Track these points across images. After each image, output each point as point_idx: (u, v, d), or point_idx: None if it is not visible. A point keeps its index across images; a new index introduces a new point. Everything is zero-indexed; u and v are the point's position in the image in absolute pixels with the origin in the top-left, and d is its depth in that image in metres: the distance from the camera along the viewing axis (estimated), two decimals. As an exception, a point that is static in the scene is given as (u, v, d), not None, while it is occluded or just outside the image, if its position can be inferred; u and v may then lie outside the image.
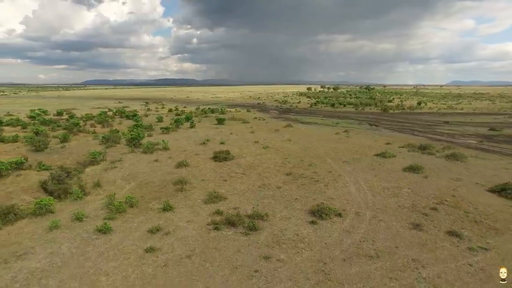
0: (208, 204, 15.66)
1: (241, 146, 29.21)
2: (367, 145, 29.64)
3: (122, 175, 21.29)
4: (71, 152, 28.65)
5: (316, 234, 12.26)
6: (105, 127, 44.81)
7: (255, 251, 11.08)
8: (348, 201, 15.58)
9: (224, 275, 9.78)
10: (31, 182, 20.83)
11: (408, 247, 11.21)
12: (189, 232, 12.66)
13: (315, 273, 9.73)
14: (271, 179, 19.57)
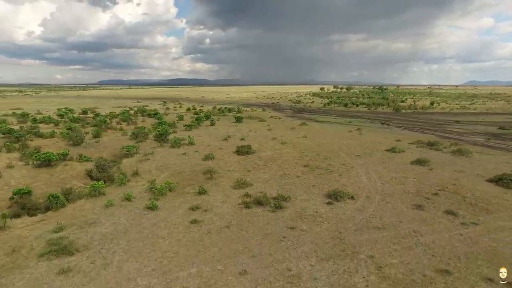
0: (237, 189, 18.06)
1: (261, 142, 31.55)
2: (378, 141, 31.61)
3: (155, 166, 23.88)
4: (105, 146, 31.50)
5: (332, 212, 14.52)
6: (130, 125, 47.83)
7: (282, 223, 13.41)
8: (360, 188, 17.76)
9: (258, 239, 12.12)
10: (77, 171, 23.67)
11: (410, 222, 13.35)
12: (225, 210, 15.08)
13: (332, 239, 11.99)
14: (290, 170, 21.87)
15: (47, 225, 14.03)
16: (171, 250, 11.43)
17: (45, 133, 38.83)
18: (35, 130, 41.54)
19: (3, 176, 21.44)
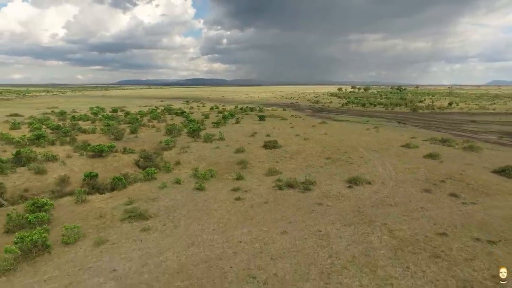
0: (269, 176, 21.02)
1: (285, 138, 34.43)
2: (394, 138, 33.97)
3: (193, 157, 27.13)
4: (144, 141, 35.04)
5: (352, 193, 17.29)
6: (160, 122, 51.52)
7: (311, 201, 16.29)
8: (376, 176, 20.42)
9: (292, 211, 15.04)
10: (126, 161, 27.13)
11: (418, 201, 15.98)
12: (261, 191, 18.07)
13: (353, 212, 14.78)
14: (314, 161, 24.68)
15: (117, 200, 17.36)
16: (223, 218, 14.49)
17: (87, 129, 42.89)
18: (77, 126, 45.73)
19: (67, 164, 25.11)
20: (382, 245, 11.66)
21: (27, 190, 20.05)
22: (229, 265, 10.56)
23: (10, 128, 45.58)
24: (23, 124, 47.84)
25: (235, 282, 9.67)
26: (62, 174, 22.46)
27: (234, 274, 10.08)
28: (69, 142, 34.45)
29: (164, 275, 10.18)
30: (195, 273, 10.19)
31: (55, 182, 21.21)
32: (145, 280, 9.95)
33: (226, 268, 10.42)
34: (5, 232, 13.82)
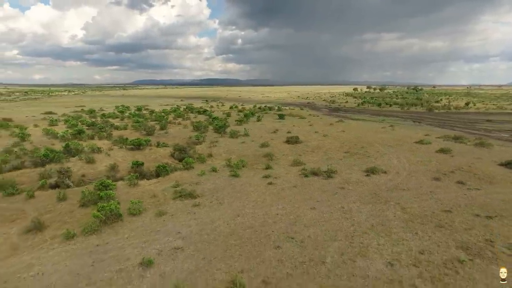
0: (294, 166, 23.55)
1: (305, 134, 36.86)
2: (409, 135, 35.95)
3: (223, 150, 29.86)
4: (174, 136, 38.03)
5: (370, 180, 19.67)
6: (185, 120, 54.65)
7: (333, 185, 18.76)
8: (391, 167, 22.69)
9: (318, 193, 17.54)
10: (161, 153, 30.01)
11: (428, 187, 18.23)
12: (289, 177, 20.63)
13: (370, 194, 17.18)
14: (334, 154, 27.07)
15: (164, 184, 20.19)
16: (260, 198, 17.12)
17: (119, 126, 46.32)
18: (109, 123, 49.25)
19: (111, 155, 28.20)
20: (395, 218, 14.05)
21: (84, 176, 23.13)
22: (271, 230, 13.17)
23: (49, 124, 49.55)
24: (59, 121, 51.78)
25: (277, 241, 12.27)
26: (110, 163, 25.55)
27: (276, 236, 12.68)
28: (106, 136, 37.78)
29: (220, 236, 12.86)
30: (244, 235, 12.84)
31: (106, 169, 24.28)
32: (205, 239, 12.65)
33: (268, 232, 13.03)
34: (80, 206, 16.77)
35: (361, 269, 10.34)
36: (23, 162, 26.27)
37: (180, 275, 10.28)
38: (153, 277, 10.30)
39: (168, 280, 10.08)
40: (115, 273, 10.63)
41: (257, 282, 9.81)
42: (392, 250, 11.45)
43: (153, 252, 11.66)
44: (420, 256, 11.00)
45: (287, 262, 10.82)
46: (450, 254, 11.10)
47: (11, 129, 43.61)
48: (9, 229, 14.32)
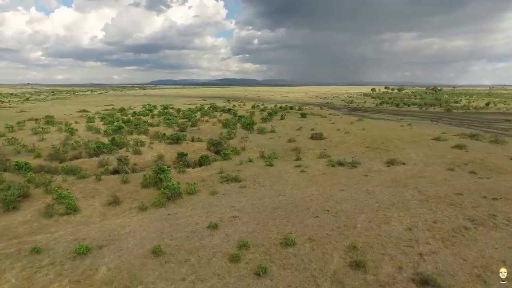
0: (321, 158, 26.29)
1: (327, 131, 39.46)
2: (426, 133, 38.05)
3: (254, 144, 32.82)
4: (206, 132, 41.26)
5: (390, 169, 22.24)
6: (211, 118, 57.98)
7: (358, 173, 21.43)
8: (409, 159, 25.13)
9: (345, 179, 20.26)
10: (198, 147, 33.15)
11: (443, 176, 20.66)
12: (318, 167, 23.41)
13: (391, 180, 19.78)
14: (356, 149, 29.64)
15: (209, 172, 23.27)
16: (295, 182, 19.98)
17: (152, 123, 49.99)
18: (142, 120, 53.04)
19: (153, 148, 31.56)
20: (413, 198, 16.67)
21: (135, 164, 26.49)
22: (309, 205, 16.02)
23: (87, 121, 53.75)
24: (95, 119, 55.98)
25: (315, 212, 15.11)
26: (156, 154, 28.91)
27: (314, 209, 15.53)
28: (143, 132, 41.34)
29: (268, 208, 15.80)
30: (288, 208, 15.74)
31: (153, 159, 27.63)
32: (256, 211, 15.61)
33: (307, 206, 15.90)
34: (142, 187, 20.00)
35: (385, 231, 13.07)
36: (80, 153, 29.98)
37: (242, 235, 13.24)
38: (220, 236, 13.30)
39: (233, 238, 13.05)
40: (189, 232, 13.69)
41: (303, 239, 12.68)
42: (410, 220, 14.11)
43: (216, 219, 14.68)
44: (433, 224, 13.63)
45: (325, 227, 13.65)
46: (458, 224, 13.68)
47: (57, 125, 47.91)
48: (93, 202, 17.67)
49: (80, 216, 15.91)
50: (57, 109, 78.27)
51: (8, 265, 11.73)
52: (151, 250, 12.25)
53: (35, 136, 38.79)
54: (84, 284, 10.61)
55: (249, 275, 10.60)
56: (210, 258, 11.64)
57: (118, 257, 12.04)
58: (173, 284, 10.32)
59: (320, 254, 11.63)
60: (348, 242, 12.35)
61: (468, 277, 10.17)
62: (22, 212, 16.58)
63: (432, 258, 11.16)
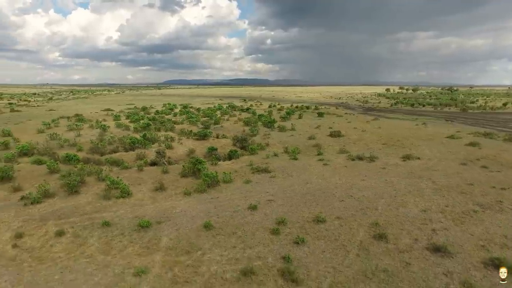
0: (341, 153, 28.32)
1: (345, 130, 41.35)
2: (441, 132, 39.53)
3: (276, 141, 35.01)
4: (228, 129, 43.62)
5: (406, 163, 24.15)
6: (231, 117, 60.41)
7: (376, 167, 23.41)
8: (424, 155, 26.92)
9: (365, 171, 22.27)
10: (224, 143, 35.47)
11: (455, 169, 22.45)
12: (339, 161, 25.48)
13: (407, 173, 21.71)
14: (373, 145, 31.54)
15: (239, 164, 25.56)
16: (320, 173, 22.13)
17: (177, 121, 52.72)
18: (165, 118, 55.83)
19: (183, 143, 34.08)
20: (427, 187, 18.61)
21: (169, 158, 28.99)
22: (335, 191, 18.17)
23: (113, 119, 56.90)
24: (121, 117, 59.09)
25: (341, 197, 17.24)
26: (188, 148, 31.42)
27: (339, 194, 17.66)
28: (170, 129, 44.01)
29: (298, 194, 18.01)
30: (316, 194, 17.91)
31: (185, 153, 30.12)
32: (288, 195, 17.82)
33: (333, 192, 18.05)
34: (182, 176, 22.42)
35: (403, 213, 15.12)
36: (117, 147, 32.74)
37: (278, 214, 15.47)
38: (260, 215, 15.56)
39: (271, 216, 15.30)
40: (232, 212, 16.00)
41: (332, 218, 14.84)
42: (424, 204, 16.10)
43: (254, 202, 16.95)
44: (445, 208, 15.59)
45: (350, 209, 15.78)
46: (467, 208, 15.60)
47: (88, 122, 51.13)
48: (141, 188, 20.18)
49: (134, 199, 18.43)
50: (82, 108, 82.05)
51: (88, 234, 14.27)
52: (202, 225, 14.59)
53: (71, 132, 41.87)
54: (152, 249, 13.00)
55: (289, 243, 12.82)
56: (254, 232, 13.90)
57: (175, 230, 14.42)
58: (226, 250, 12.60)
59: (348, 229, 13.77)
60: (371, 220, 14.45)
61: (474, 246, 12.16)
62: (83, 195, 19.21)
63: (443, 233, 13.16)
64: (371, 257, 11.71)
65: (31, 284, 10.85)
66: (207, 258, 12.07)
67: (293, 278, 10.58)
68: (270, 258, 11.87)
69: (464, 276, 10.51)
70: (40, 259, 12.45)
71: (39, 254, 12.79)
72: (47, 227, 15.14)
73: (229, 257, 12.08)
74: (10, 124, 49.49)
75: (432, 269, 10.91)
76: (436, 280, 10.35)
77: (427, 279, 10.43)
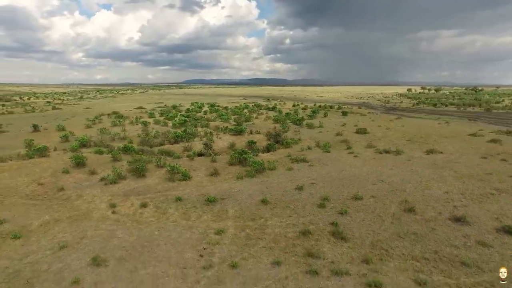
0: (368, 148, 31.04)
1: (370, 127, 43.85)
2: (463, 130, 41.47)
3: (307, 137, 37.96)
4: (259, 126, 46.84)
5: (429, 156, 26.71)
6: (259, 115, 63.65)
7: (402, 159, 26.09)
8: (446, 150, 29.32)
9: (392, 163, 25.00)
10: (258, 138, 38.57)
11: (476, 162, 24.85)
12: (368, 154, 28.25)
13: (431, 164, 24.30)
14: (397, 142, 34.05)
15: (277, 156, 28.70)
16: (352, 163, 25.02)
17: (209, 118, 56.39)
18: (198, 116, 59.60)
19: (221, 138, 37.50)
20: (449, 175, 21.24)
21: (214, 149, 32.41)
22: (367, 177, 21.08)
23: (148, 116, 61.12)
24: (155, 114, 63.22)
25: (373, 182, 20.14)
26: (226, 142, 34.80)
27: (371, 180, 20.56)
28: (205, 125, 47.62)
29: (336, 179, 21.02)
30: (351, 179, 20.88)
31: (227, 146, 33.50)
32: (327, 180, 20.84)
33: (366, 178, 20.97)
34: (229, 165, 25.74)
35: (428, 194, 17.92)
36: (163, 140, 36.49)
37: (321, 193, 18.53)
38: (306, 194, 18.66)
39: (316, 195, 18.37)
40: (282, 192, 19.17)
41: (368, 196, 17.80)
42: (447, 188, 18.82)
43: (299, 184, 20.07)
44: (465, 191, 18.27)
45: (382, 190, 18.69)
46: (485, 191, 18.23)
47: (127, 119, 55.48)
48: (197, 174, 23.61)
49: (194, 182, 21.88)
50: (115, 106, 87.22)
51: (166, 206, 17.74)
52: (260, 200, 17.84)
53: (116, 128, 46.04)
54: (222, 217, 16.30)
55: (334, 214, 15.89)
56: (304, 206, 17.03)
57: (238, 204, 17.70)
58: (284, 218, 15.76)
59: (381, 204, 16.71)
60: (401, 198, 17.34)
61: (489, 218, 14.88)
62: (149, 178, 22.80)
63: (463, 209, 15.91)
64: (402, 224, 14.62)
65: (139, 237, 14.31)
66: (270, 224, 15.27)
67: (342, 237, 13.64)
68: (321, 224, 14.96)
69: (480, 237, 13.30)
70: (138, 221, 15.98)
71: (135, 218, 16.33)
72: (131, 200, 18.75)
73: (288, 223, 15.24)
74: (59, 121, 54.43)
75: (453, 233, 13.74)
76: (456, 240, 13.18)
77: (449, 239, 13.27)
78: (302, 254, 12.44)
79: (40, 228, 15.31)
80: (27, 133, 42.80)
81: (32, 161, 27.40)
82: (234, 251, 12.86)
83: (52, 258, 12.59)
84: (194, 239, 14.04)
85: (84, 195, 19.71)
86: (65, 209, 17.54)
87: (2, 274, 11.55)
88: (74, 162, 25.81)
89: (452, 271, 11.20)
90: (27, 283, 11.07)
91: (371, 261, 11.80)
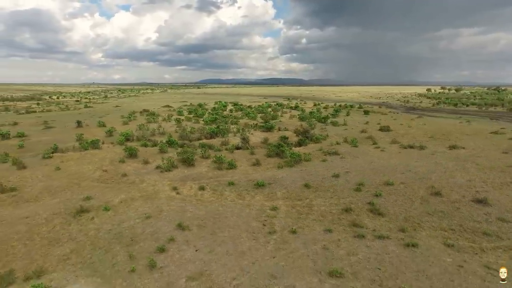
0: (393, 143, 33.29)
1: (392, 125, 45.87)
2: (485, 128, 43.05)
3: (333, 133, 40.39)
4: (286, 124, 49.45)
5: (452, 151, 28.83)
6: (283, 113, 66.29)
7: (426, 153, 28.32)
8: (468, 146, 31.29)
9: (417, 156, 27.26)
10: (287, 134, 41.21)
11: (497, 156, 26.84)
12: (393, 149, 30.56)
13: (454, 158, 26.46)
14: (420, 139, 36.13)
15: (309, 149, 31.29)
16: (379, 156, 27.43)
17: (237, 116, 59.38)
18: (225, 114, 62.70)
19: (253, 134, 40.32)
20: (472, 167, 23.44)
21: (249, 144, 35.24)
22: (396, 168, 23.50)
23: (177, 114, 64.54)
24: (183, 112, 66.64)
25: (401, 171, 22.58)
26: (258, 138, 37.61)
27: (399, 169, 22.99)
28: (235, 123, 50.56)
29: (367, 169, 23.52)
30: (381, 169, 23.34)
31: (260, 141, 36.28)
32: (359, 169, 23.37)
33: (394, 168, 23.39)
34: (267, 157, 28.49)
35: (452, 181, 20.25)
36: (200, 135, 39.57)
37: (356, 180, 21.08)
38: (342, 180, 21.26)
39: (351, 181, 20.94)
40: (321, 178, 21.82)
41: (398, 183, 20.28)
42: (469, 177, 21.09)
43: (335, 172, 22.68)
44: (487, 180, 20.51)
45: (410, 178, 21.13)
46: (505, 180, 20.42)
47: (158, 116, 59.05)
48: (240, 164, 26.44)
49: (240, 170, 24.74)
50: (142, 105, 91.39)
51: (221, 189, 20.63)
52: (303, 185, 20.55)
53: (151, 124, 49.44)
54: (273, 198, 19.07)
55: (370, 196, 18.46)
56: (342, 189, 19.66)
57: (284, 188, 20.45)
58: (326, 199, 18.41)
59: (411, 189, 19.19)
60: (428, 184, 19.76)
61: (509, 202, 17.17)
62: (198, 167, 25.78)
63: (484, 193, 18.22)
64: (430, 205, 17.08)
65: (207, 211, 17.20)
66: (315, 203, 17.96)
67: (379, 212, 16.22)
68: (359, 203, 17.57)
69: (499, 215, 15.65)
70: (201, 200, 18.92)
71: (198, 198, 19.27)
72: (189, 184, 21.73)
73: (330, 203, 17.91)
74: (96, 118, 58.47)
75: (476, 211, 16.13)
76: (479, 217, 15.58)
77: (472, 216, 15.68)
78: (348, 225, 15.11)
79: (121, 204, 18.42)
80: (72, 128, 46.77)
81: (88, 152, 30.85)
82: (290, 222, 15.61)
83: (143, 224, 15.65)
84: (254, 213, 16.85)
85: (146, 180, 22.80)
86: (135, 190, 20.64)
87: (109, 234, 14.66)
88: (128, 153, 29.07)
89: (475, 238, 13.66)
90: (132, 240, 14.12)
91: (406, 230, 14.37)
